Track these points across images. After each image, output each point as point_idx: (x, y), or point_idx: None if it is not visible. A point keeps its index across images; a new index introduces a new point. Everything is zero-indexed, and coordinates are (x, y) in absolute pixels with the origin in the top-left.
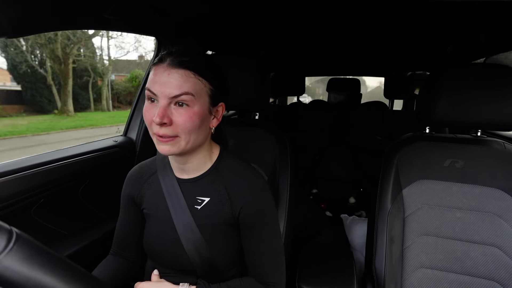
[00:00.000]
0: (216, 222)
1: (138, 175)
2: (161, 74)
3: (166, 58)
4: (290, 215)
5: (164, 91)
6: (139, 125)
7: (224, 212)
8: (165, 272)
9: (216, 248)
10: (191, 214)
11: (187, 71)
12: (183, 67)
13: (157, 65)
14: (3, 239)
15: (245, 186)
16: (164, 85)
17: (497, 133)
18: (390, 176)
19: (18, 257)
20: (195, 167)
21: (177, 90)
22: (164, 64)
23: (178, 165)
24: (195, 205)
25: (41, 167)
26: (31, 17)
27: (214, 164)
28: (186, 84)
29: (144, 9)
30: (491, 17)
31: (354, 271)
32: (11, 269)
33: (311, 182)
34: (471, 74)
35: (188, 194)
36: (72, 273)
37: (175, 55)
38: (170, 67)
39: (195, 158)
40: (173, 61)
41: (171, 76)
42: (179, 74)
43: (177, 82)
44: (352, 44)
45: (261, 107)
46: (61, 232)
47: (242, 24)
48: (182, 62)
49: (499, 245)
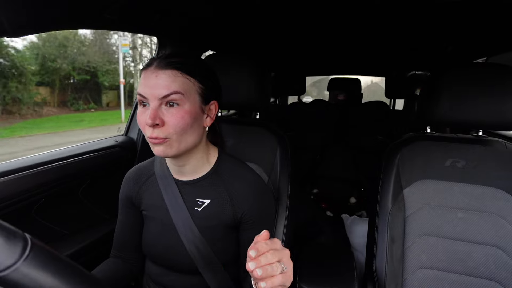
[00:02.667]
0: (217, 224)
1: (136, 177)
2: (149, 77)
3: (153, 62)
4: (291, 215)
5: (154, 93)
6: None
7: (225, 215)
8: (165, 273)
9: (216, 247)
10: (190, 216)
11: (174, 71)
12: (170, 68)
13: (145, 69)
14: (19, 246)
15: (247, 189)
16: (153, 87)
17: (498, 133)
18: (391, 176)
19: (34, 264)
20: (193, 169)
21: (166, 90)
22: (152, 67)
23: (176, 167)
24: (195, 207)
25: (42, 167)
26: (31, 16)
27: (214, 166)
28: (174, 84)
29: (145, 8)
30: (491, 17)
31: (355, 271)
32: (29, 276)
33: (312, 182)
34: (472, 74)
35: (188, 195)
36: (85, 279)
37: (161, 58)
38: (157, 69)
39: (192, 159)
40: (160, 63)
41: (159, 77)
42: (166, 75)
43: (165, 82)
44: (353, 44)
45: (261, 107)
46: (62, 232)
47: (243, 24)
48: (169, 63)
49: (500, 245)
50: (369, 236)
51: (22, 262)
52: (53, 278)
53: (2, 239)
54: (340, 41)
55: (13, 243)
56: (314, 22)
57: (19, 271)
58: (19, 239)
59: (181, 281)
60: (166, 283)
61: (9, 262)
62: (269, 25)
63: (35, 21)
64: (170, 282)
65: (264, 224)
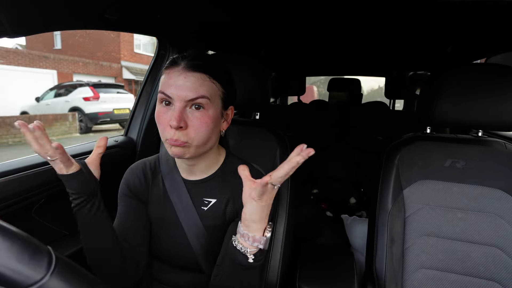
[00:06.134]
0: (222, 223)
1: (143, 171)
2: (177, 77)
3: (180, 62)
4: (291, 215)
5: (181, 94)
6: (139, 125)
7: (229, 214)
8: (168, 270)
9: (222, 246)
10: (198, 215)
11: (203, 74)
12: (199, 71)
13: (170, 68)
14: (45, 261)
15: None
16: (180, 88)
17: (498, 133)
18: (390, 176)
19: (59, 278)
20: (203, 169)
21: (194, 93)
22: (179, 67)
23: (186, 166)
24: (202, 206)
25: (42, 167)
26: (32, 16)
27: (221, 166)
28: (202, 88)
29: (145, 8)
30: (491, 17)
31: (355, 271)
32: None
33: (312, 182)
34: (472, 74)
35: (195, 195)
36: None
37: (189, 59)
38: (185, 70)
39: (205, 160)
40: (188, 64)
41: (187, 79)
42: (195, 78)
43: (193, 85)
44: (353, 44)
45: (262, 107)
46: (62, 232)
47: (243, 24)
48: (198, 66)
49: (500, 245)
50: (369, 237)
51: (49, 277)
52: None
53: (28, 253)
54: (340, 41)
55: (40, 257)
56: (314, 22)
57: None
58: (44, 253)
59: (184, 278)
60: (169, 280)
61: (37, 277)
62: (269, 25)
63: (35, 21)
64: (173, 279)
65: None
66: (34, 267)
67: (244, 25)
